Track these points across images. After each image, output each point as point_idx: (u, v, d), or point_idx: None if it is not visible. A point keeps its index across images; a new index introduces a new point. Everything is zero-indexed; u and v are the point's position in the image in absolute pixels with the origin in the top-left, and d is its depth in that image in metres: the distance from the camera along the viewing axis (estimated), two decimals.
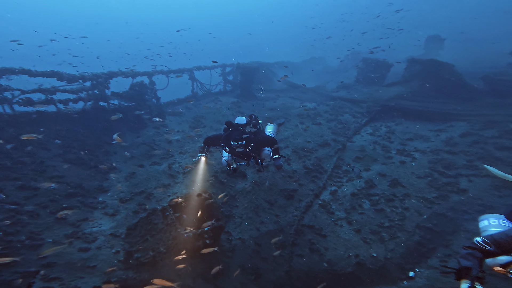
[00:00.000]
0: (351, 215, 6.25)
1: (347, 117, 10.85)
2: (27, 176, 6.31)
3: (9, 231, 4.94)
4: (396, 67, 14.86)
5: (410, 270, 5.07)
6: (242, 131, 4.84)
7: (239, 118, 5.02)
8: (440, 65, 11.57)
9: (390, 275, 5.11)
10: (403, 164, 7.55)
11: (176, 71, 12.37)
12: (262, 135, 5.09)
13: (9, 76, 6.85)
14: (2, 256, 4.49)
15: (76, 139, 8.21)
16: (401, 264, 5.21)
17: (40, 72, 7.38)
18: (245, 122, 4.95)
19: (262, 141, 5.00)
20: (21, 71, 7.13)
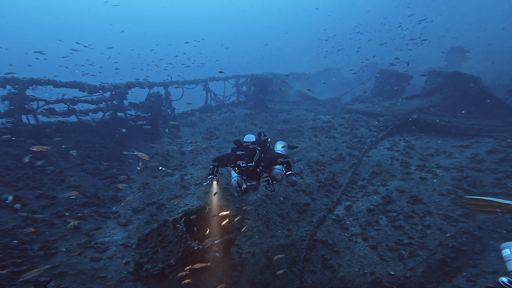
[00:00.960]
0: (367, 231, 5.99)
1: (363, 130, 10.60)
2: (45, 185, 6.52)
3: (25, 239, 5.06)
4: (416, 79, 14.51)
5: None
6: (251, 151, 4.69)
7: (247, 136, 4.86)
8: (465, 78, 11.14)
9: None
10: (424, 180, 7.22)
11: (191, 82, 12.67)
12: (272, 153, 4.92)
13: (35, 87, 7.23)
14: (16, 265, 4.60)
15: (94, 149, 8.48)
16: (422, 283, 4.90)
17: (64, 82, 7.76)
18: (254, 140, 4.79)
19: (272, 159, 4.85)
20: (47, 81, 7.51)
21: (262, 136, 5.29)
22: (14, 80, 6.90)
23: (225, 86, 14.89)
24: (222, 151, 9.20)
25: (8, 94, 6.88)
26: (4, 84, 6.77)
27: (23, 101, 7.13)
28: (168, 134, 10.49)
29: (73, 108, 8.50)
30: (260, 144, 4.96)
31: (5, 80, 6.77)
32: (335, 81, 24.52)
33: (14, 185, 6.11)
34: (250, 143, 4.71)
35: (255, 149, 4.64)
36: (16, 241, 5.00)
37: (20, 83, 6.99)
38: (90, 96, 8.91)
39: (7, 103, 6.92)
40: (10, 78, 6.79)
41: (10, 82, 6.82)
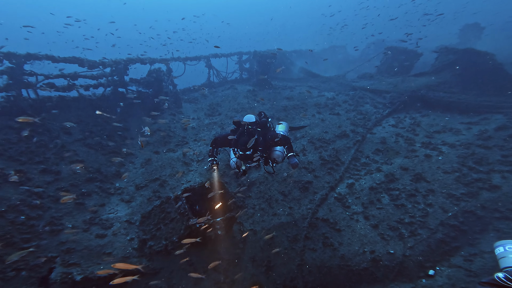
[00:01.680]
0: (369, 210, 6.00)
1: (368, 107, 10.32)
2: (49, 160, 6.54)
3: (31, 215, 5.15)
4: (426, 56, 13.86)
5: (430, 269, 4.84)
6: (249, 133, 4.46)
7: (247, 116, 4.65)
8: (478, 54, 10.58)
9: (407, 272, 4.93)
10: (429, 158, 7.09)
11: (193, 58, 12.26)
12: (272, 134, 4.71)
13: (33, 62, 7.02)
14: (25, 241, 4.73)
15: (96, 124, 8.41)
16: (421, 262, 5.00)
17: (62, 58, 7.52)
18: (254, 120, 4.58)
19: (273, 141, 4.67)
20: (45, 57, 7.28)
21: (262, 116, 5.05)
22: (11, 55, 6.69)
23: (228, 63, 14.43)
24: (224, 127, 9.08)
25: (5, 68, 6.70)
26: (1, 59, 6.56)
27: (22, 76, 6.95)
28: (170, 110, 10.34)
29: (74, 83, 8.33)
30: (260, 125, 4.75)
31: (2, 55, 6.55)
32: (341, 59, 23.62)
33: (17, 159, 6.13)
34: (249, 123, 4.52)
35: (254, 132, 4.44)
36: (23, 217, 5.11)
37: (17, 58, 6.77)
38: (91, 71, 8.68)
39: (6, 78, 6.76)
40: (6, 53, 6.56)
41: (7, 57, 6.61)
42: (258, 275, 4.90)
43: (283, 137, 4.69)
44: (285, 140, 4.69)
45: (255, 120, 4.64)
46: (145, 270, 4.61)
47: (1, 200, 5.11)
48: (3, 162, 5.82)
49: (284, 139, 4.69)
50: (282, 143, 4.68)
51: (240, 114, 9.91)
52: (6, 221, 4.91)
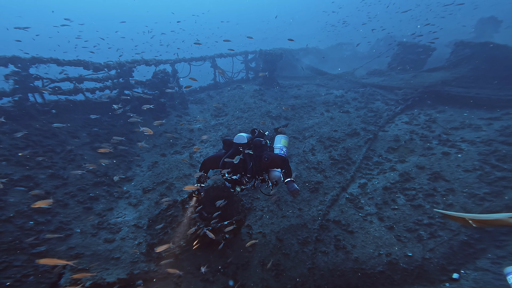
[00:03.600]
0: (383, 211, 5.74)
1: (379, 104, 9.98)
2: (57, 164, 6.52)
3: (40, 220, 5.12)
4: (439, 51, 13.40)
5: (453, 272, 4.56)
6: (237, 162, 3.87)
7: (238, 136, 4.10)
8: (497, 48, 10.12)
9: (428, 276, 4.65)
10: (447, 155, 6.75)
11: (198, 59, 12.17)
12: (269, 156, 4.04)
13: (38, 65, 7.04)
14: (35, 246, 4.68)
15: (103, 127, 8.40)
16: (443, 265, 4.71)
17: (67, 61, 7.51)
18: (245, 141, 4.03)
19: (268, 165, 4.06)
20: (50, 60, 7.29)
21: (256, 134, 4.40)
22: (16, 59, 6.70)
23: (234, 63, 14.29)
24: (231, 128, 8.93)
25: (11, 73, 6.72)
26: (6, 63, 6.59)
27: (28, 80, 6.97)
28: (176, 111, 10.26)
29: (80, 87, 8.33)
30: (253, 146, 4.13)
31: (7, 59, 6.57)
32: (349, 56, 23.18)
33: (25, 164, 6.13)
34: (240, 145, 4.01)
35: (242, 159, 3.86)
36: (32, 222, 5.07)
37: (22, 61, 6.79)
38: (96, 74, 8.68)
39: (12, 82, 6.79)
40: (11, 57, 6.59)
41: (12, 61, 6.63)
42: (268, 279, 4.73)
43: (281, 159, 4.08)
44: (282, 162, 4.06)
45: (247, 141, 4.07)
46: (153, 276, 4.51)
47: (9, 206, 5.08)
48: (10, 167, 5.82)
49: (282, 161, 4.06)
50: (278, 165, 4.07)
51: (246, 114, 9.75)
52: (15, 226, 4.89)
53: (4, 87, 6.78)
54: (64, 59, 7.66)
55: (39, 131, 6.93)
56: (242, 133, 4.18)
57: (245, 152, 3.95)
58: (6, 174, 5.59)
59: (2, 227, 4.73)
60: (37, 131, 6.90)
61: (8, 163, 5.86)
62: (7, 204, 5.09)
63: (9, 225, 4.82)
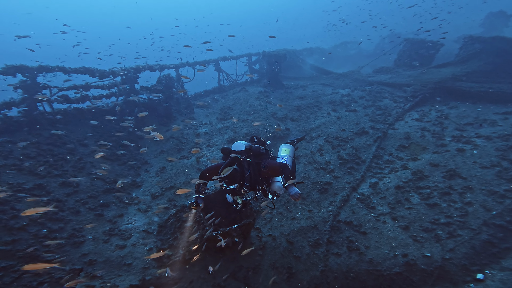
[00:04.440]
0: (396, 210, 5.58)
1: (387, 102, 9.81)
2: (67, 172, 6.59)
3: (53, 228, 5.15)
4: (447, 47, 13.12)
5: (477, 272, 4.37)
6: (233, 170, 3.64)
7: (236, 144, 3.92)
8: (508, 42, 9.89)
9: (450, 276, 4.47)
10: (462, 152, 6.54)
11: (202, 63, 12.22)
12: (266, 164, 3.82)
13: (45, 74, 7.16)
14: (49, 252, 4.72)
15: (111, 134, 8.47)
16: (465, 265, 4.52)
17: (73, 69, 7.63)
18: (243, 149, 3.85)
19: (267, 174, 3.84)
20: (57, 68, 7.41)
21: (255, 142, 4.20)
22: (23, 68, 6.83)
23: (237, 65, 14.31)
24: (237, 131, 8.89)
25: (19, 82, 6.85)
26: (14, 72, 6.72)
27: (36, 89, 7.09)
28: (182, 116, 10.30)
29: (86, 94, 8.44)
30: (252, 154, 3.94)
31: (15, 68, 6.70)
32: (354, 54, 22.99)
33: (37, 174, 6.21)
34: (238, 152, 3.83)
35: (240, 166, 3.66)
36: (45, 230, 5.11)
37: (29, 71, 6.92)
38: (102, 81, 8.78)
39: (21, 92, 6.91)
40: (19, 66, 6.72)
41: (19, 70, 6.76)
42: (280, 283, 4.63)
43: (279, 165, 3.86)
44: (281, 168, 3.84)
45: (245, 149, 3.87)
46: (164, 281, 4.47)
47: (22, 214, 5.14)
48: (22, 176, 5.90)
49: (280, 167, 3.84)
50: (277, 172, 3.86)
51: (252, 116, 9.70)
52: (29, 234, 4.93)
53: (13, 97, 6.91)
54: (70, 67, 7.78)
55: (49, 139, 7.03)
56: (240, 141, 4.02)
57: (243, 159, 3.77)
58: (18, 183, 5.66)
59: (17, 235, 4.78)
60: (47, 140, 6.99)
61: (20, 172, 5.94)
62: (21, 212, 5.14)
63: (23, 233, 4.86)
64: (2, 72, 6.67)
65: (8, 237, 4.65)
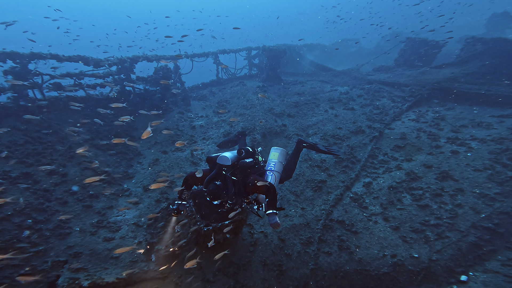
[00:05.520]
0: (388, 211, 5.59)
1: (385, 101, 9.76)
2: (56, 161, 6.45)
3: (39, 218, 5.05)
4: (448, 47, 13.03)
5: (462, 274, 4.43)
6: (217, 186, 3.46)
7: (222, 157, 3.68)
8: (510, 43, 9.86)
9: (435, 278, 4.53)
10: (456, 154, 6.55)
11: (201, 55, 12.02)
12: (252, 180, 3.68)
13: (37, 61, 6.95)
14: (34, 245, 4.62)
15: (104, 124, 8.31)
16: (450, 266, 4.58)
17: (67, 57, 7.41)
18: (229, 163, 3.65)
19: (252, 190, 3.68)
20: (49, 56, 7.19)
21: (243, 154, 3.95)
22: (15, 55, 6.62)
23: (236, 59, 14.11)
24: (233, 125, 8.79)
25: (9, 68, 6.64)
26: (4, 58, 6.50)
27: (27, 76, 6.89)
28: (179, 108, 10.15)
29: (80, 82, 8.24)
30: (239, 169, 3.76)
31: (5, 54, 6.49)
32: (354, 52, 22.82)
33: (24, 161, 6.06)
34: (224, 166, 3.65)
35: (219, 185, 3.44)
36: (30, 220, 5.00)
37: (20, 57, 6.70)
38: (97, 70, 8.57)
39: (11, 78, 6.71)
40: (10, 52, 6.50)
41: (10, 57, 6.54)
42: (270, 280, 4.62)
43: (265, 186, 3.65)
44: (266, 190, 3.65)
45: (231, 164, 3.66)
46: (152, 275, 4.42)
47: (7, 203, 5.01)
48: (9, 164, 5.76)
49: (266, 189, 3.64)
50: (262, 192, 3.67)
51: (249, 111, 9.59)
52: (13, 225, 4.83)
53: (3, 83, 6.71)
54: (64, 54, 7.56)
55: (38, 127, 6.86)
56: (226, 153, 3.78)
57: (228, 176, 3.60)
58: (4, 171, 5.52)
59: (0, 225, 4.67)
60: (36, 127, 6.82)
61: (6, 160, 5.80)
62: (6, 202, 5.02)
63: (6, 223, 4.76)
64: None
65: None
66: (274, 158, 4.27)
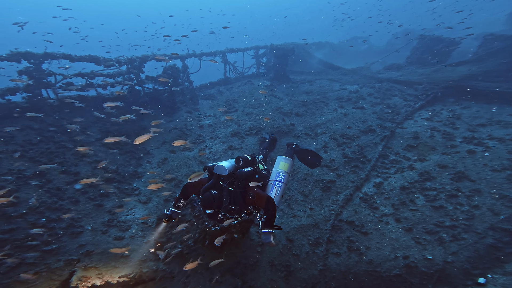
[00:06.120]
0: (400, 212, 5.43)
1: (397, 100, 9.52)
2: (68, 161, 6.57)
3: (52, 217, 5.14)
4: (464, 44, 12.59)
5: (479, 276, 4.26)
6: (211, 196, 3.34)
7: (220, 166, 3.54)
8: None
9: (451, 280, 4.37)
10: (472, 154, 6.32)
11: (209, 54, 12.03)
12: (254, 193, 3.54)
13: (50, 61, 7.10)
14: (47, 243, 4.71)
15: (113, 123, 8.42)
16: (467, 269, 4.41)
17: (79, 56, 7.54)
18: (226, 173, 3.53)
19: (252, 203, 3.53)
20: (62, 56, 7.33)
21: (241, 164, 3.78)
22: (29, 55, 6.77)
23: (244, 58, 14.07)
24: (241, 124, 8.76)
25: (24, 69, 6.80)
26: (19, 59, 6.67)
27: (41, 76, 7.05)
28: (187, 107, 10.20)
29: (91, 82, 8.37)
30: (236, 179, 3.62)
31: (20, 55, 6.65)
32: (364, 50, 22.39)
33: (38, 160, 6.20)
34: (221, 176, 3.53)
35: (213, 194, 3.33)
36: (44, 219, 5.10)
37: (35, 57, 6.86)
38: (107, 70, 8.68)
39: (25, 78, 6.87)
40: (24, 52, 6.66)
41: (25, 57, 6.70)
42: (277, 280, 4.56)
43: (267, 200, 3.48)
44: (267, 204, 3.47)
45: (228, 173, 3.54)
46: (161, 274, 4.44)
47: (22, 202, 5.14)
48: (24, 163, 5.89)
49: (267, 203, 3.46)
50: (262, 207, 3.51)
51: (257, 110, 9.53)
52: (27, 223, 4.93)
53: (18, 83, 6.87)
54: (76, 54, 7.69)
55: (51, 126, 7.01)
56: (223, 163, 3.63)
57: (224, 186, 3.49)
58: (19, 170, 5.66)
59: (15, 223, 4.78)
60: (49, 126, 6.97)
61: (21, 159, 5.94)
62: (20, 200, 5.14)
63: (21, 221, 4.86)
64: (7, 58, 6.63)
65: (6, 226, 4.64)
66: (283, 168, 4.07)
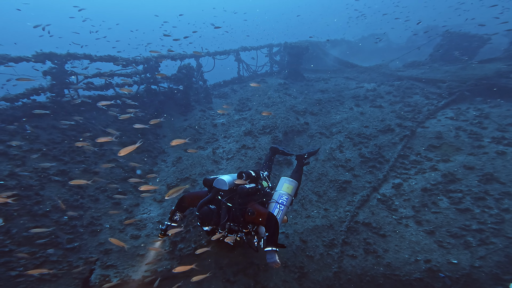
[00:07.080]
0: (421, 214, 5.20)
1: (418, 98, 9.11)
2: (89, 159, 6.79)
3: (73, 215, 5.32)
4: (494, 41, 11.88)
5: (510, 282, 4.03)
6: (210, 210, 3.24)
7: (220, 180, 3.42)
8: None
9: (478, 285, 4.13)
10: (502, 155, 5.95)
11: (222, 53, 12.09)
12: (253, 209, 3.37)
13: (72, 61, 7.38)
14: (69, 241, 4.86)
15: (131, 122, 8.62)
16: (497, 274, 4.16)
17: (98, 57, 7.80)
18: (226, 188, 3.40)
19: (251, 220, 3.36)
20: (83, 56, 7.60)
21: (243, 178, 3.63)
22: (53, 55, 7.07)
23: (258, 56, 14.02)
24: (254, 123, 8.71)
25: (48, 69, 7.11)
26: (43, 59, 6.98)
27: (64, 76, 7.35)
28: (200, 106, 10.29)
29: (110, 82, 8.63)
30: (236, 195, 3.47)
31: (44, 55, 6.95)
32: (382, 48, 21.69)
33: (61, 159, 6.45)
34: (221, 191, 3.39)
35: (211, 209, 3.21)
36: (66, 217, 5.29)
37: (58, 58, 7.15)
38: (125, 69, 8.91)
39: (49, 78, 7.18)
40: (48, 53, 6.96)
41: (49, 57, 7.01)
42: (290, 282, 4.48)
43: (268, 217, 3.32)
44: (268, 221, 3.31)
45: (228, 188, 3.39)
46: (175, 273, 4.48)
47: (45, 200, 5.35)
48: (48, 162, 6.15)
49: (268, 220, 3.30)
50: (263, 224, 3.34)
51: (271, 109, 9.44)
52: (51, 221, 5.12)
53: (42, 83, 7.20)
54: (96, 55, 7.95)
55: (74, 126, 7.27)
56: (225, 176, 3.49)
57: (223, 201, 3.35)
58: (43, 168, 5.90)
59: (40, 221, 4.97)
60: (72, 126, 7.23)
61: (45, 158, 6.20)
62: (44, 198, 5.35)
63: (46, 219, 5.06)
64: (33, 58, 6.96)
65: (31, 223, 4.83)
66: (287, 191, 3.95)
